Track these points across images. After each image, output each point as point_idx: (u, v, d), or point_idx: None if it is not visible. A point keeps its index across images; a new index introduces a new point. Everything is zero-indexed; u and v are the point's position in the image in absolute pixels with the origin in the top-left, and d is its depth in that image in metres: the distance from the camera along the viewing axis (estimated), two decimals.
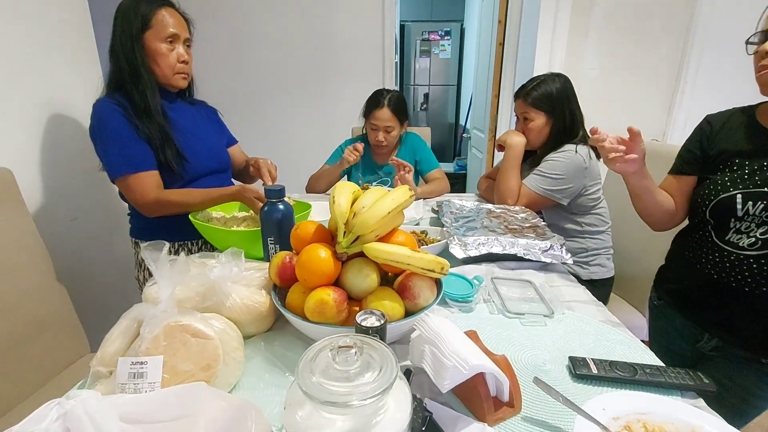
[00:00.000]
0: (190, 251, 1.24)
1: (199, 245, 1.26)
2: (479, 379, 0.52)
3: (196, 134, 1.21)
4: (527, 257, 0.97)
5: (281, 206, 0.83)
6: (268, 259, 0.85)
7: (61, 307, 1.07)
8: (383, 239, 0.68)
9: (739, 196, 0.87)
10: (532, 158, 1.44)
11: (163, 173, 1.11)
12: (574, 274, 1.22)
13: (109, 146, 1.07)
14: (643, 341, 0.72)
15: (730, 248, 0.88)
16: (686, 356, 0.96)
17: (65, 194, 1.33)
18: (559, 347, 0.69)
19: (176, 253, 1.23)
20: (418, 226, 1.22)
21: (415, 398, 0.50)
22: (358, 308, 0.64)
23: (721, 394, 0.59)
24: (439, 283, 0.71)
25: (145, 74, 1.09)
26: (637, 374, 0.60)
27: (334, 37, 2.42)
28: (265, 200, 0.86)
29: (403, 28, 4.90)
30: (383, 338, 0.53)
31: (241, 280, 0.71)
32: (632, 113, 2.29)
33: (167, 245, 0.58)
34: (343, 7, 2.37)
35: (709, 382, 0.58)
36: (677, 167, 1.03)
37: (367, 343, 0.44)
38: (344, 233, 0.65)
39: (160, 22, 1.08)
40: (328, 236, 0.71)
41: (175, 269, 0.59)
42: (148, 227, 1.22)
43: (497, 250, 0.97)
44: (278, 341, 0.71)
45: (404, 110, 1.67)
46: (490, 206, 1.28)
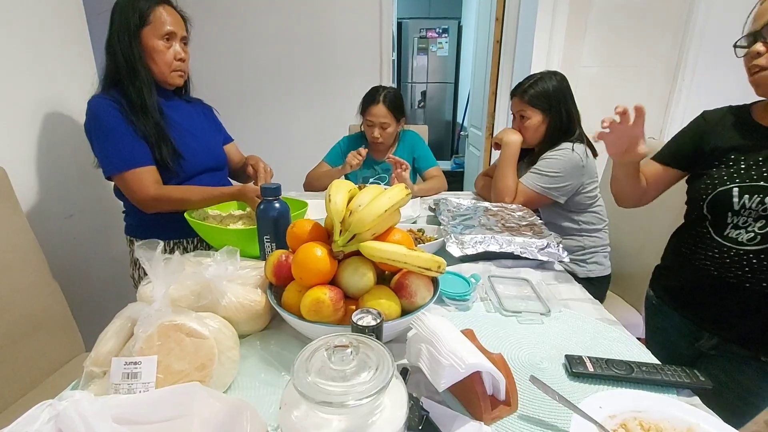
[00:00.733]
0: (185, 249, 1.24)
1: (194, 243, 1.25)
2: (476, 377, 0.52)
3: (192, 132, 1.21)
4: (524, 255, 0.97)
5: (277, 204, 0.83)
6: (264, 257, 0.84)
7: (55, 305, 1.06)
8: (380, 238, 0.68)
9: (735, 189, 0.88)
10: (529, 156, 1.44)
11: (158, 171, 1.11)
12: (570, 272, 1.22)
13: (105, 143, 1.07)
14: (639, 339, 0.72)
15: (729, 244, 0.88)
16: (684, 354, 0.96)
17: (59, 192, 1.32)
18: (555, 345, 0.69)
19: (171, 251, 1.22)
20: (414, 224, 1.22)
21: (411, 397, 0.50)
22: (354, 307, 0.64)
23: (720, 392, 0.59)
24: (435, 281, 0.70)
25: (142, 71, 1.08)
26: (633, 372, 0.60)
27: (331, 34, 2.41)
28: None
29: (400, 25, 4.88)
30: (379, 337, 0.53)
31: (236, 278, 0.70)
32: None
33: (161, 244, 0.58)
34: (340, 4, 2.36)
35: (705, 379, 0.58)
36: (663, 157, 1.04)
37: (363, 342, 0.44)
38: (340, 232, 0.65)
39: (157, 19, 1.07)
40: (324, 235, 0.71)
41: (169, 268, 0.58)
42: (143, 225, 1.21)
43: (494, 248, 0.97)
44: (274, 340, 0.70)
45: (401, 107, 1.66)
46: (487, 204, 1.28)
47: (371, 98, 1.63)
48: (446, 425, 0.51)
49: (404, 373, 0.59)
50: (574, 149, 1.28)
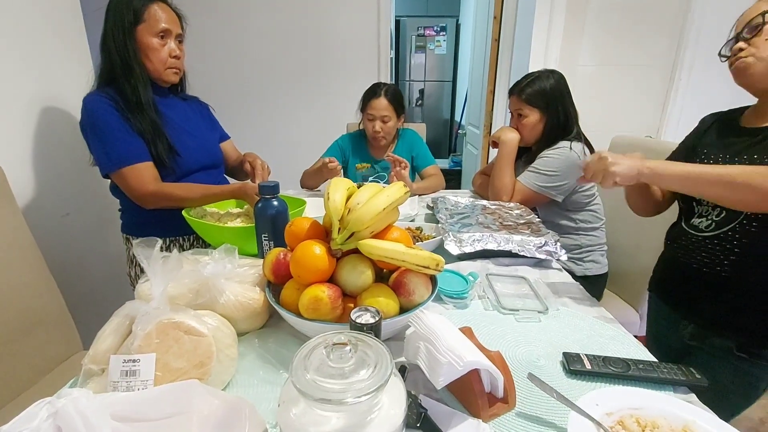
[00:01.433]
0: (182, 247, 1.23)
1: (191, 241, 1.25)
2: (474, 375, 0.52)
3: (188, 129, 1.20)
4: (522, 254, 0.97)
5: (275, 202, 0.83)
6: (262, 255, 0.84)
7: (52, 303, 1.06)
8: (378, 236, 0.68)
9: None
10: (527, 155, 1.44)
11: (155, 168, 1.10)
12: (568, 270, 1.22)
13: (102, 140, 1.06)
14: (636, 337, 0.73)
15: (692, 231, 0.93)
16: (674, 347, 0.99)
17: (56, 190, 1.31)
18: (553, 343, 0.70)
19: (168, 249, 1.22)
20: (413, 222, 1.22)
21: (410, 395, 0.50)
22: (352, 305, 0.64)
23: (701, 392, 0.60)
24: (434, 279, 0.70)
25: (136, 68, 1.07)
26: (630, 370, 0.60)
27: (329, 32, 2.41)
28: None
29: (398, 23, 4.88)
30: (378, 335, 0.53)
31: (234, 276, 0.70)
32: (626, 110, 2.30)
33: (159, 241, 0.57)
34: (338, 1, 2.35)
35: (701, 377, 0.59)
36: (672, 159, 1.06)
37: (361, 340, 0.44)
38: (339, 230, 0.65)
39: (152, 16, 1.07)
40: (322, 233, 0.71)
41: (167, 266, 0.58)
42: (139, 223, 1.21)
43: (492, 246, 0.97)
44: (272, 338, 0.70)
45: (401, 103, 1.67)
46: (485, 202, 1.28)
47: (372, 92, 1.64)
48: (444, 423, 0.51)
49: (402, 370, 0.59)
50: (571, 148, 1.28)
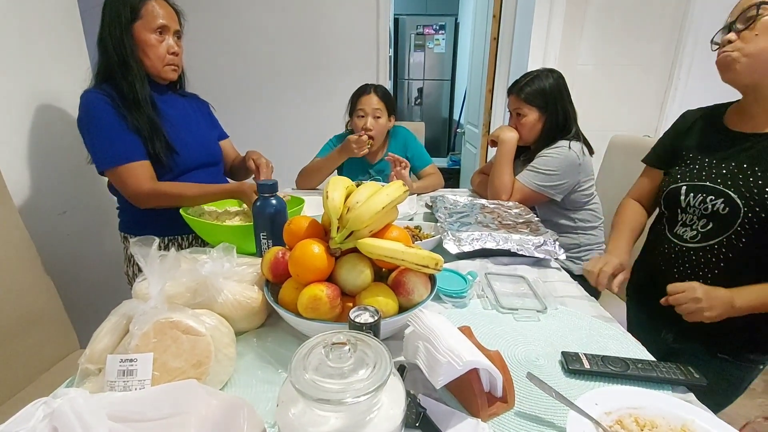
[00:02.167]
0: (180, 246, 1.23)
1: (189, 240, 1.24)
2: (473, 374, 0.52)
3: (186, 126, 1.20)
4: (520, 253, 0.97)
5: (274, 201, 0.82)
6: (260, 254, 0.84)
7: (48, 302, 1.05)
8: (377, 235, 0.67)
9: (684, 187, 0.92)
10: (525, 154, 1.44)
11: (152, 165, 1.10)
12: (566, 269, 1.23)
13: (98, 137, 1.05)
14: None
15: (676, 240, 0.92)
16: (655, 350, 0.98)
17: (53, 188, 1.30)
18: (552, 342, 0.70)
19: (166, 248, 1.21)
20: (411, 221, 1.22)
21: (408, 394, 0.50)
22: (351, 304, 0.64)
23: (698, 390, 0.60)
24: (433, 278, 0.70)
25: (134, 65, 1.07)
26: (628, 369, 0.60)
27: (327, 30, 2.40)
28: None
29: (397, 21, 4.87)
30: (377, 334, 0.53)
31: (233, 275, 0.70)
32: (625, 109, 2.31)
33: (157, 240, 0.57)
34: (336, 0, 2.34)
35: (699, 377, 0.59)
36: (650, 159, 1.07)
37: (360, 339, 0.44)
38: (338, 229, 0.65)
39: (149, 12, 1.06)
40: (321, 231, 0.70)
41: (165, 265, 0.58)
42: (137, 222, 1.20)
43: (491, 245, 0.97)
44: (271, 337, 0.70)
45: (392, 102, 1.64)
46: (483, 201, 1.28)
47: (362, 90, 1.62)
48: (443, 422, 0.51)
49: (401, 370, 0.59)
50: (570, 147, 1.28)
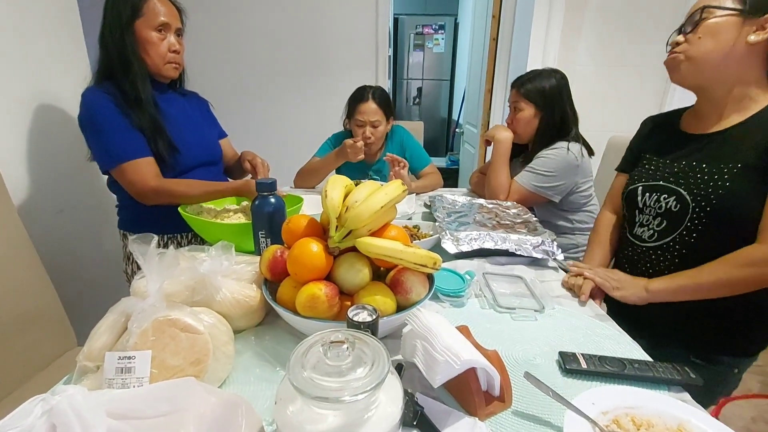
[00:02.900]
0: (179, 244, 1.23)
1: (188, 238, 1.24)
2: (471, 374, 0.52)
3: (187, 125, 1.20)
4: (518, 253, 0.97)
5: (272, 199, 0.82)
6: (259, 252, 0.84)
7: (47, 300, 1.05)
8: (376, 234, 0.67)
9: (640, 188, 0.94)
10: (524, 155, 1.44)
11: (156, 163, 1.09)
12: (564, 269, 1.23)
13: (102, 136, 1.05)
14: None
15: (636, 241, 0.93)
16: None
17: (51, 186, 1.30)
18: (549, 342, 0.70)
19: (165, 246, 1.21)
20: (410, 220, 1.22)
21: (406, 393, 0.50)
22: (349, 303, 0.64)
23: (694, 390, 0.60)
24: (431, 278, 0.70)
25: (135, 63, 1.06)
26: (625, 369, 0.60)
27: (327, 29, 2.40)
28: None
29: (396, 21, 4.86)
30: (375, 333, 0.53)
31: (231, 274, 0.70)
32: (624, 110, 2.31)
33: (156, 238, 0.57)
34: None
35: (696, 377, 0.59)
36: (620, 166, 1.09)
37: (358, 338, 0.44)
38: (336, 227, 0.65)
39: (151, 10, 1.05)
40: (320, 230, 0.70)
41: (164, 263, 0.58)
42: (136, 219, 1.20)
43: (489, 245, 0.98)
44: (269, 336, 0.70)
45: (390, 105, 1.64)
46: (482, 201, 1.28)
47: (360, 96, 1.59)
48: (441, 421, 0.51)
49: (399, 368, 0.59)
50: (569, 149, 1.29)
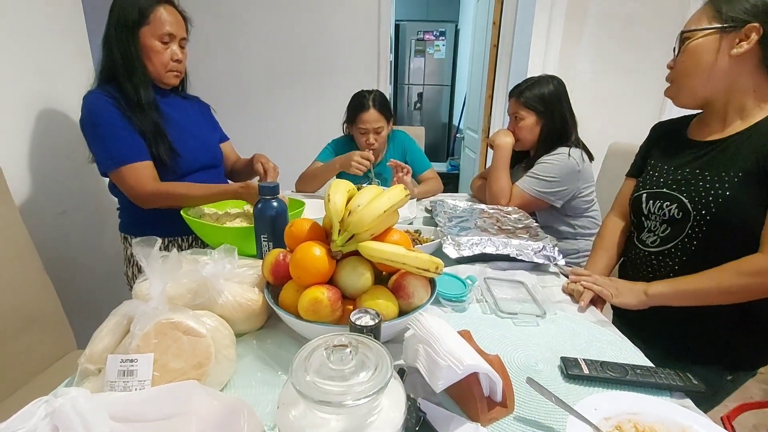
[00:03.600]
0: (180, 247, 1.23)
1: (189, 241, 1.24)
2: (473, 379, 0.52)
3: (188, 129, 1.20)
4: (520, 258, 0.97)
5: (275, 203, 0.82)
6: (261, 256, 0.84)
7: (47, 302, 1.05)
8: (378, 238, 0.68)
9: (644, 195, 0.95)
10: (526, 160, 1.45)
11: (154, 167, 1.10)
12: (565, 275, 1.23)
13: (101, 138, 1.06)
14: None
15: (641, 246, 0.94)
16: None
17: (53, 187, 1.30)
18: (551, 347, 0.70)
19: (166, 249, 1.21)
20: (411, 225, 1.22)
21: (409, 398, 0.50)
22: (352, 307, 0.64)
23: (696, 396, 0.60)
24: (433, 282, 0.71)
25: (138, 68, 1.07)
26: (627, 375, 0.60)
27: (329, 34, 2.41)
28: None
29: (398, 27, 4.90)
30: (377, 337, 0.53)
31: (233, 277, 0.70)
32: (623, 117, 2.32)
33: (159, 241, 0.57)
34: (338, 4, 2.36)
35: (698, 383, 0.59)
36: (630, 171, 1.09)
37: (362, 342, 0.44)
38: (339, 231, 0.65)
39: (157, 19, 1.06)
40: (322, 234, 0.71)
41: (166, 265, 0.58)
42: (138, 222, 1.20)
43: (490, 250, 0.98)
44: (271, 339, 0.70)
45: (389, 108, 1.65)
46: (483, 206, 1.29)
47: (360, 105, 1.59)
48: (443, 426, 0.51)
49: (401, 373, 0.59)
50: (570, 154, 1.29)
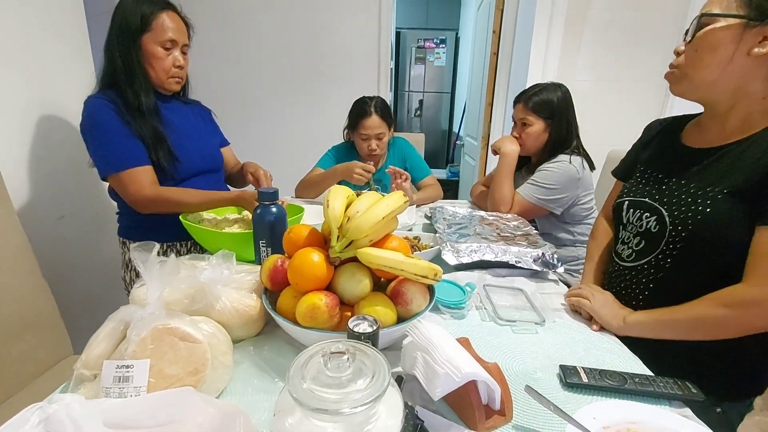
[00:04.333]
0: (179, 253, 1.22)
1: (188, 247, 1.24)
2: (471, 387, 0.52)
3: (188, 133, 1.20)
4: (519, 265, 0.97)
5: (274, 209, 0.83)
6: (259, 262, 0.84)
7: (44, 306, 1.04)
8: (377, 244, 0.68)
9: (626, 203, 0.89)
10: (527, 166, 1.45)
11: (154, 172, 1.10)
12: (564, 282, 1.23)
13: (101, 143, 1.06)
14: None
15: (616, 258, 0.89)
16: None
17: (52, 192, 1.30)
18: (549, 355, 0.69)
19: (165, 254, 1.21)
20: (410, 231, 1.22)
21: (406, 406, 0.49)
22: (350, 313, 0.64)
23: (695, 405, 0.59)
24: (431, 289, 0.70)
25: (140, 74, 1.08)
26: (626, 383, 0.60)
27: (330, 42, 2.43)
28: None
29: (398, 35, 4.94)
30: (375, 344, 0.53)
31: (231, 283, 0.70)
32: (623, 124, 2.33)
33: (157, 246, 0.57)
34: (340, 12, 2.38)
35: (696, 392, 0.58)
36: (617, 171, 1.05)
37: (359, 349, 0.44)
38: (338, 238, 0.65)
39: (160, 26, 1.07)
40: (321, 240, 0.71)
41: (164, 271, 0.58)
42: (136, 227, 1.20)
43: (489, 257, 0.98)
44: (268, 346, 0.70)
45: (390, 114, 1.66)
46: (482, 213, 1.29)
47: (362, 112, 1.59)
48: None
49: (399, 381, 0.59)
50: (571, 161, 1.30)
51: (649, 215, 0.83)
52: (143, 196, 1.06)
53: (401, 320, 0.64)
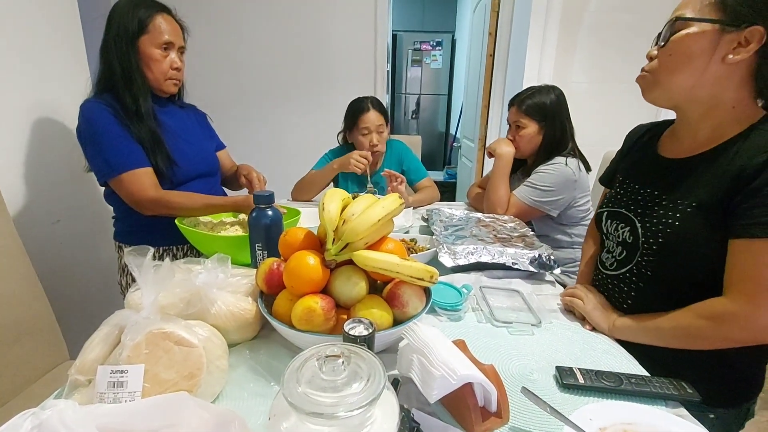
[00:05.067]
0: (175, 257, 1.22)
1: (184, 251, 1.24)
2: (467, 389, 0.52)
3: (185, 137, 1.20)
4: (515, 266, 0.97)
5: (270, 212, 0.82)
6: (255, 265, 0.83)
7: (39, 312, 1.04)
8: (373, 247, 0.68)
9: (605, 213, 0.89)
10: (522, 168, 1.45)
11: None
12: (561, 283, 1.23)
13: (100, 146, 1.05)
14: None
15: (601, 267, 0.89)
16: None
17: (47, 196, 1.30)
18: (546, 357, 0.69)
19: (161, 258, 1.21)
20: (407, 234, 1.22)
21: (402, 409, 0.49)
22: (346, 316, 0.64)
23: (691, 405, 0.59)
24: (428, 291, 0.70)
25: (138, 78, 1.07)
26: (622, 384, 0.60)
27: (326, 44, 2.43)
28: None
29: (395, 37, 4.95)
30: (371, 347, 0.53)
31: (227, 286, 0.70)
32: (618, 126, 2.33)
33: (151, 250, 0.57)
34: (336, 14, 2.38)
35: (693, 392, 0.59)
36: (602, 178, 1.05)
37: (354, 352, 0.44)
38: (333, 240, 0.65)
39: (156, 28, 1.07)
40: (316, 243, 0.70)
41: (159, 275, 0.57)
42: (132, 231, 1.20)
43: (486, 259, 0.98)
44: (264, 350, 0.69)
45: (386, 112, 1.68)
46: (479, 215, 1.29)
47: (360, 108, 1.62)
48: None
49: (395, 383, 0.59)
50: (567, 163, 1.30)
51: (624, 226, 0.83)
52: (146, 197, 1.05)
53: (397, 323, 0.64)
